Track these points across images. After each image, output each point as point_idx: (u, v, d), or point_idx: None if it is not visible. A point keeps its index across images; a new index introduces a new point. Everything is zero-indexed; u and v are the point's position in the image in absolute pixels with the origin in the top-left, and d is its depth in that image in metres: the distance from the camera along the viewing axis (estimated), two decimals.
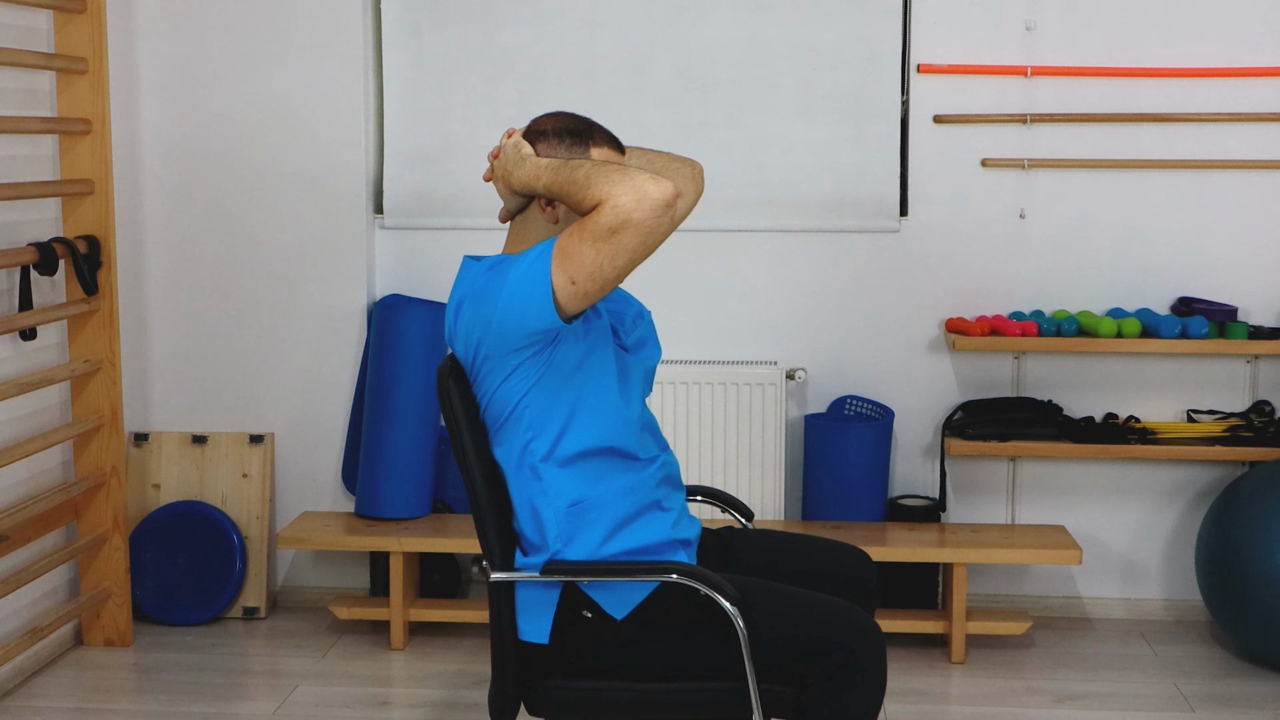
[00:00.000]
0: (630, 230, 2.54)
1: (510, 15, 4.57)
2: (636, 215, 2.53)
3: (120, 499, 4.35)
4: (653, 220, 2.54)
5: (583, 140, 2.79)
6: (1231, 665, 4.27)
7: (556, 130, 2.80)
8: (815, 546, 3.08)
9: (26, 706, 3.96)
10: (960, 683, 4.16)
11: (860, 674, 2.68)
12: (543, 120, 2.84)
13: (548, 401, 2.71)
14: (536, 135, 2.80)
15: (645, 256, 2.59)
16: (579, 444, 2.74)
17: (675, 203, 2.57)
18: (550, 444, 2.73)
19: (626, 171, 2.57)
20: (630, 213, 2.53)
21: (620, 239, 2.55)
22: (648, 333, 2.97)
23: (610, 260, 2.56)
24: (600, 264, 2.57)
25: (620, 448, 2.78)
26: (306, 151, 4.60)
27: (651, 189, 2.54)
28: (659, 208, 2.54)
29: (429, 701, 4.04)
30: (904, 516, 4.54)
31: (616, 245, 2.55)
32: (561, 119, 2.83)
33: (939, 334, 4.61)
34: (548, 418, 2.72)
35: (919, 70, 4.52)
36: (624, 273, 2.60)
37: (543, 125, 2.82)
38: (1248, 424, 4.47)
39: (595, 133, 2.81)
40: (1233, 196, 4.51)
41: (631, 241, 2.55)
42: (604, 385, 2.76)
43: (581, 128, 2.81)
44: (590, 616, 2.74)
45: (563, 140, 2.79)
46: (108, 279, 4.25)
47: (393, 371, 4.46)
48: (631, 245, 2.55)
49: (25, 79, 4.12)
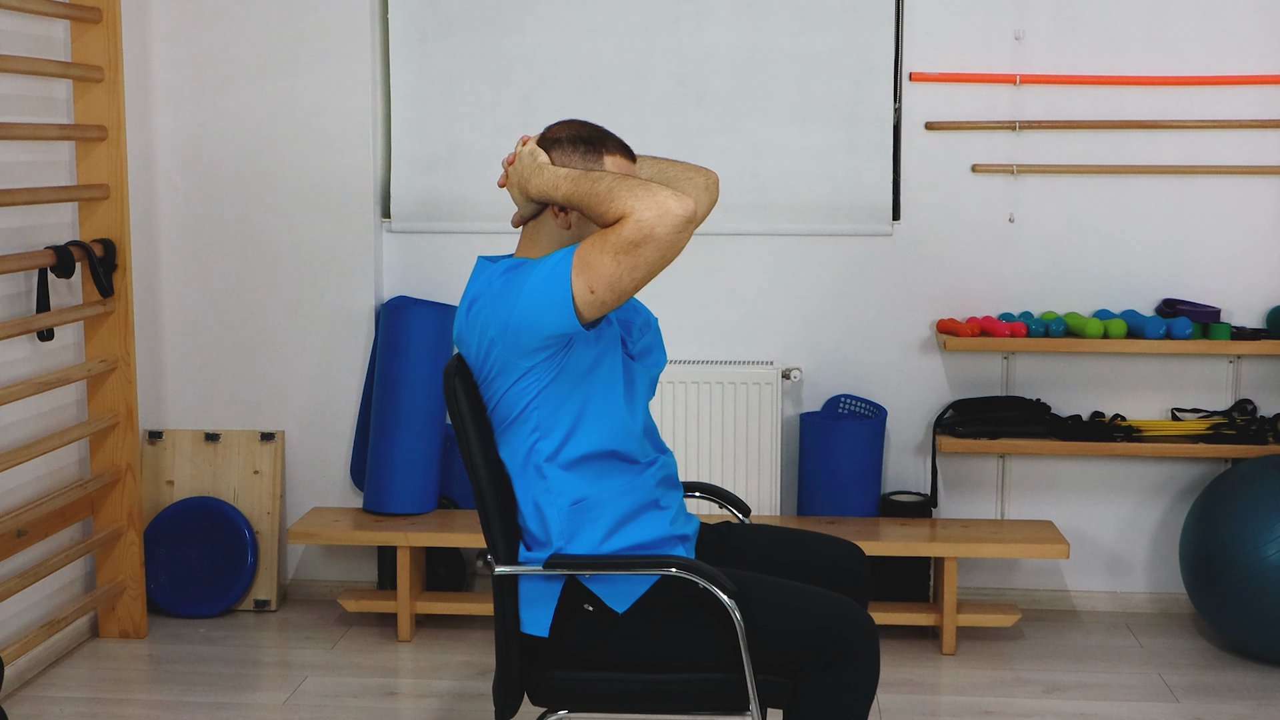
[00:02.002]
0: (652, 244, 2.55)
1: (514, 24, 4.58)
2: (659, 230, 2.54)
3: (135, 495, 4.35)
4: (674, 235, 2.55)
5: (596, 148, 2.79)
6: (1214, 656, 4.27)
7: (571, 138, 2.80)
8: (810, 541, 3.08)
9: (44, 696, 3.96)
10: (951, 673, 4.17)
11: (854, 665, 2.68)
12: (557, 128, 2.83)
13: (556, 404, 2.72)
14: (551, 143, 2.80)
15: (662, 269, 2.60)
16: (583, 447, 2.74)
17: (695, 218, 2.58)
18: (556, 446, 2.73)
19: (649, 187, 2.57)
20: (653, 228, 2.54)
21: (641, 252, 2.56)
22: (654, 340, 2.97)
23: (630, 272, 2.58)
24: (620, 275, 2.58)
25: (622, 452, 2.79)
26: (316, 157, 4.61)
27: (674, 205, 2.54)
28: (680, 223, 2.55)
29: (435, 692, 4.04)
30: (896, 512, 4.54)
31: (637, 258, 2.56)
32: (575, 127, 2.82)
33: (930, 335, 4.61)
34: (555, 420, 2.73)
35: (911, 78, 4.52)
36: (641, 284, 2.61)
37: (557, 133, 2.82)
38: (1230, 422, 4.47)
39: (608, 141, 2.81)
40: (1216, 201, 4.51)
41: (652, 255, 2.56)
42: (611, 392, 2.76)
43: (595, 136, 2.81)
44: (591, 610, 2.74)
45: (576, 148, 2.79)
46: (123, 281, 4.25)
47: (400, 371, 4.46)
48: (652, 259, 2.57)
49: (43, 87, 4.12)
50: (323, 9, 4.55)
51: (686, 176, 3.06)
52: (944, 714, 3.89)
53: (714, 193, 3.09)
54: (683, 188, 3.00)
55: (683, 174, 3.06)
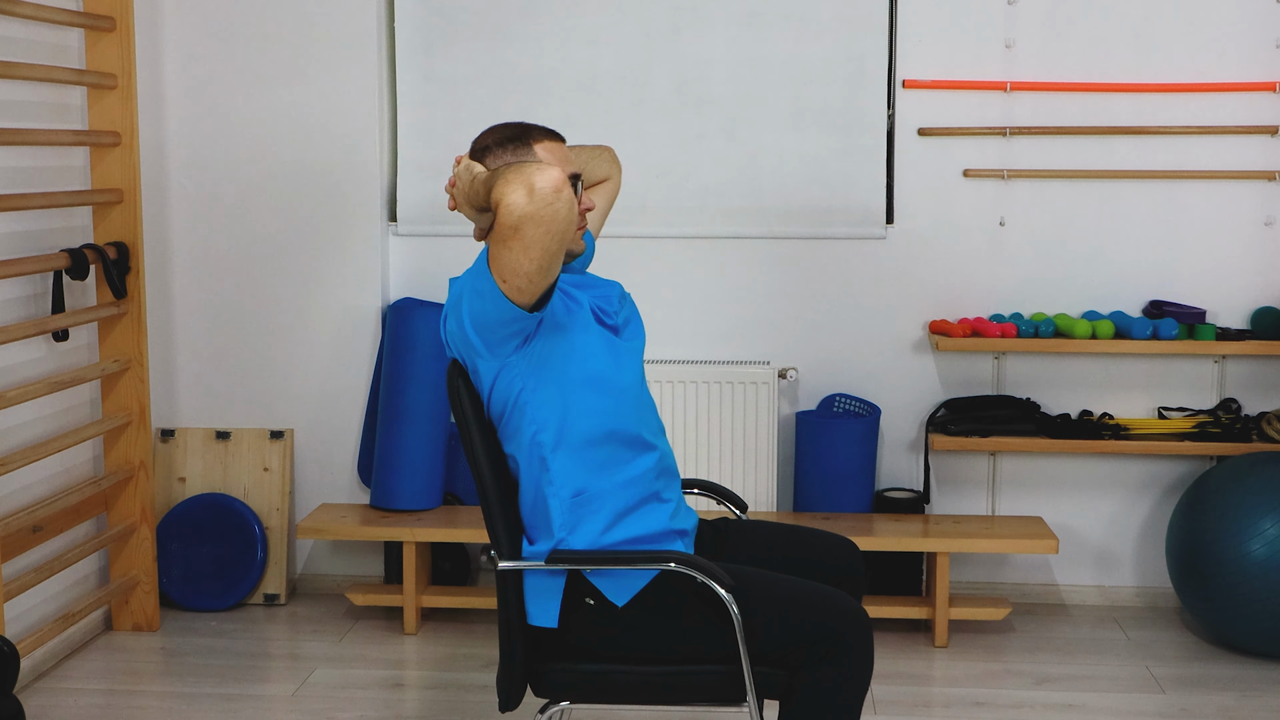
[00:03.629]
0: (529, 223, 2.51)
1: (517, 33, 4.58)
2: (530, 208, 2.50)
3: (148, 492, 4.36)
4: (547, 209, 2.51)
5: (524, 141, 2.79)
6: (1200, 649, 4.28)
7: (498, 140, 2.80)
8: (806, 537, 3.08)
9: (59, 688, 3.97)
10: (943, 665, 4.17)
11: (848, 657, 2.69)
12: (483, 137, 2.83)
13: (543, 393, 2.72)
14: (482, 152, 2.80)
15: (560, 242, 2.55)
16: (581, 430, 2.74)
17: (564, 186, 2.52)
18: (555, 433, 2.73)
19: (520, 169, 2.54)
20: (523, 208, 2.50)
21: (523, 233, 2.52)
22: (632, 312, 2.99)
23: (523, 254, 2.54)
24: (516, 260, 2.55)
25: (622, 429, 2.78)
26: (324, 162, 4.61)
27: (537, 180, 2.50)
28: (548, 194, 2.50)
29: (440, 683, 4.04)
30: (890, 508, 4.55)
31: (523, 240, 2.53)
32: (499, 129, 2.82)
33: (923, 335, 4.61)
34: (547, 409, 2.73)
35: (904, 85, 4.53)
36: (545, 262, 2.56)
37: (484, 141, 2.82)
38: (1215, 421, 4.47)
39: (533, 130, 2.82)
40: (1202, 205, 4.51)
41: (535, 232, 2.52)
42: (596, 366, 2.77)
43: (519, 131, 2.81)
44: (592, 603, 2.75)
45: (505, 148, 2.78)
46: (136, 283, 4.25)
47: (406, 371, 4.46)
48: (536, 236, 2.52)
49: (58, 94, 4.13)
50: (331, 18, 4.56)
51: (597, 156, 3.12)
52: (936, 705, 3.89)
53: (618, 162, 3.19)
54: (595, 168, 3.10)
55: (593, 156, 3.12)
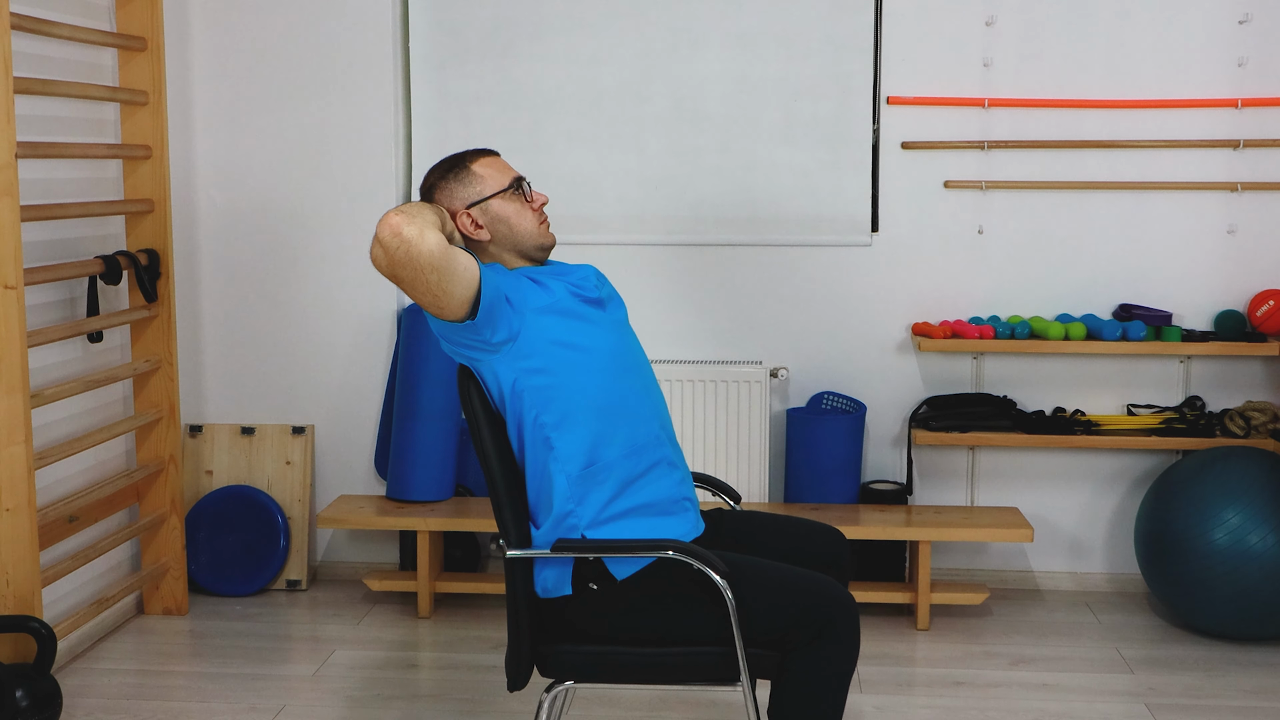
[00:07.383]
0: (397, 269, 2.55)
1: (524, 53, 4.58)
2: (385, 262, 2.56)
3: (177, 484, 4.36)
4: (400, 254, 2.54)
5: (462, 166, 2.83)
6: (1166, 632, 4.28)
7: (440, 174, 2.84)
8: (796, 526, 3.08)
9: (94, 668, 3.97)
10: (925, 647, 4.18)
11: (836, 639, 2.69)
12: (427, 177, 2.87)
13: (537, 377, 2.72)
14: (431, 190, 2.84)
15: (434, 269, 2.55)
16: (581, 407, 2.74)
17: (402, 224, 2.52)
18: (556, 413, 2.73)
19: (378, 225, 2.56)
20: (383, 263, 2.56)
21: (401, 280, 2.58)
22: (611, 289, 3.00)
23: (413, 292, 2.59)
24: (418, 298, 2.60)
25: (620, 404, 2.78)
26: (343, 174, 4.61)
27: (379, 232, 2.54)
28: (392, 241, 2.54)
29: (452, 664, 4.05)
30: (875, 499, 4.55)
31: (405, 285, 2.58)
32: (438, 165, 2.87)
33: (906, 337, 4.62)
34: (544, 392, 2.73)
35: (888, 102, 4.53)
36: (434, 290, 2.57)
37: (429, 181, 2.86)
38: (1181, 417, 4.48)
39: (468, 155, 2.86)
40: (1168, 215, 4.51)
41: (405, 274, 2.56)
42: (585, 339, 2.77)
43: (455, 160, 2.85)
44: (596, 588, 2.75)
45: (447, 179, 2.83)
46: (166, 288, 4.26)
47: (419, 371, 4.47)
48: (407, 276, 2.57)
49: (93, 110, 4.14)
50: (349, 38, 4.56)
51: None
52: (919, 684, 3.90)
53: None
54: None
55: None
